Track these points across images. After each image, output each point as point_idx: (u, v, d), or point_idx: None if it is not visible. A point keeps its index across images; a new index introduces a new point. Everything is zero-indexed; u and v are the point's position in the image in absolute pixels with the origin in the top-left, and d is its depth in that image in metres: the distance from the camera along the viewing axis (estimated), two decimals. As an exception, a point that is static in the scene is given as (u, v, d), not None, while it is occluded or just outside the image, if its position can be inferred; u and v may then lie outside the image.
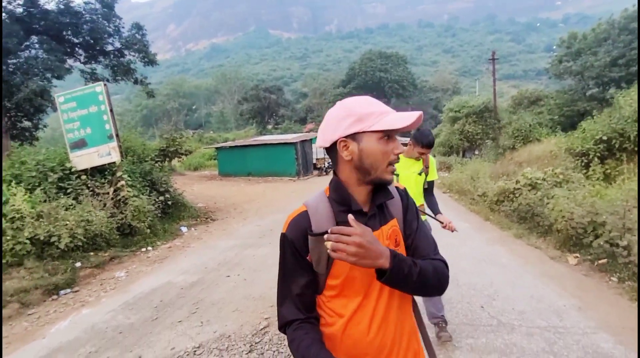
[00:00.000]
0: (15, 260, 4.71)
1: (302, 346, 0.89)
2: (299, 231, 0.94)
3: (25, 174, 6.25)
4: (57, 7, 15.41)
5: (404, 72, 50.95)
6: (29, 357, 2.95)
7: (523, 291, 3.68)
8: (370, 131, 0.91)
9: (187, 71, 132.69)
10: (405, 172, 2.87)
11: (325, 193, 1.00)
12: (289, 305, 0.96)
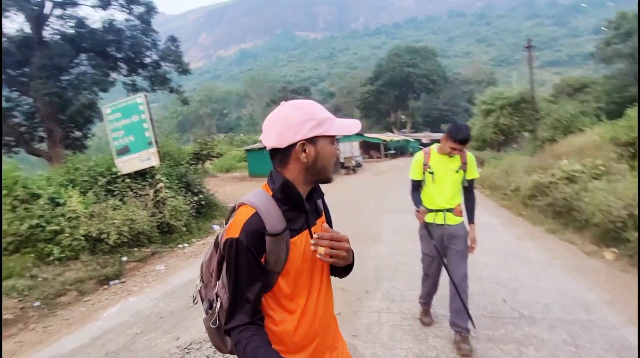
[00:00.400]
0: (72, 254, 5.33)
1: (249, 347, 0.88)
2: (255, 234, 0.92)
3: (78, 179, 6.96)
4: (102, 26, 16.67)
5: (434, 65, 48.98)
6: (86, 336, 3.41)
7: (549, 285, 3.60)
8: (327, 135, 0.98)
9: (218, 77, 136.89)
10: (441, 169, 2.68)
11: (267, 193, 0.99)
12: (240, 311, 0.93)
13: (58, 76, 14.82)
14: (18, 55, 14.80)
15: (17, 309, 4.05)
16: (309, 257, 0.99)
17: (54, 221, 5.57)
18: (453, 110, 50.77)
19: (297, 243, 0.98)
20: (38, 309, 4.07)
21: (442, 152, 2.67)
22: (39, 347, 3.31)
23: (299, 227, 0.99)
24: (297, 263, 0.97)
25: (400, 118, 51.55)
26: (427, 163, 2.74)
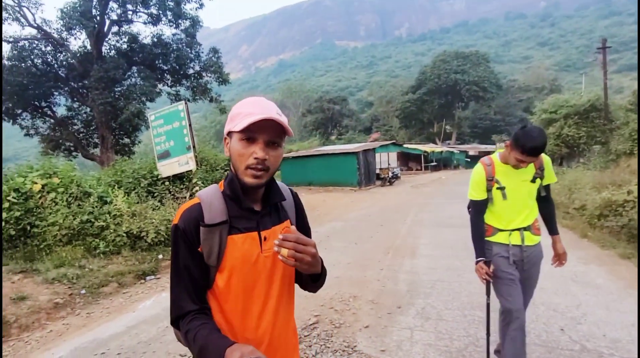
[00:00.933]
0: (115, 249, 5.79)
1: (199, 335, 0.86)
2: (191, 222, 0.93)
3: (124, 180, 7.56)
4: (151, 41, 18.08)
5: (485, 72, 44.57)
6: (122, 324, 3.71)
7: (621, 318, 3.14)
8: (235, 131, 0.92)
9: (256, 87, 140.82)
10: (513, 181, 2.17)
11: (219, 187, 1.01)
12: (182, 298, 0.93)
13: (112, 87, 16.22)
14: (80, 69, 16.42)
15: (67, 295, 4.47)
16: (253, 261, 0.95)
17: (101, 217, 6.10)
18: (506, 120, 46.43)
19: (238, 242, 0.94)
20: (84, 296, 4.47)
21: (506, 162, 2.17)
22: (82, 330, 3.64)
23: (245, 227, 0.96)
24: (234, 262, 0.93)
25: (444, 128, 48.22)
26: (493, 177, 2.20)
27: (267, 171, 0.92)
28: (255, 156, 0.90)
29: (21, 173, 6.52)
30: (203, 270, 0.94)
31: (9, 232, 5.82)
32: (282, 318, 1.02)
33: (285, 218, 1.05)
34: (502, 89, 47.37)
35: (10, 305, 4.10)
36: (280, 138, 0.93)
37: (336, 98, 50.16)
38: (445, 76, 43.58)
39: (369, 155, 20.65)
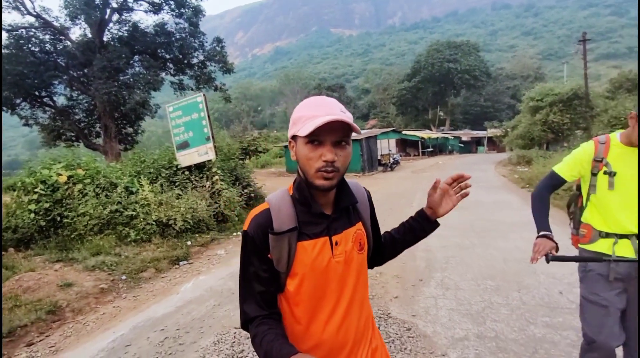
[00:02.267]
0: (146, 236, 6.02)
1: (264, 341, 0.87)
2: (260, 229, 0.93)
3: (144, 171, 7.70)
4: (154, 30, 17.77)
5: (476, 61, 46.26)
6: (171, 305, 3.97)
7: None
8: (299, 136, 0.89)
9: (253, 74, 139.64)
10: (630, 170, 1.63)
11: (288, 192, 0.99)
12: (251, 303, 0.94)
13: (115, 77, 16.00)
14: (81, 58, 16.06)
15: (109, 280, 4.71)
16: (325, 266, 0.93)
17: (130, 207, 6.29)
18: (495, 106, 48.84)
19: (308, 249, 0.92)
20: (125, 282, 4.71)
21: (629, 143, 1.63)
22: (134, 312, 3.90)
23: (316, 232, 0.94)
24: (304, 268, 0.92)
25: (438, 115, 49.69)
26: (604, 159, 1.69)
27: (338, 171, 0.89)
28: (324, 158, 0.87)
29: (45, 165, 6.65)
30: (272, 276, 0.94)
31: (39, 223, 6.01)
32: (356, 321, 0.99)
33: (358, 219, 1.02)
34: (491, 77, 48.81)
35: (58, 291, 4.34)
36: (347, 137, 0.90)
37: (334, 86, 50.32)
38: (439, 65, 45.11)
39: (371, 142, 20.98)
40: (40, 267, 4.99)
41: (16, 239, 5.86)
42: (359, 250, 0.99)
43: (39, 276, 4.61)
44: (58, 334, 3.57)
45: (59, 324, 3.79)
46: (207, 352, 2.93)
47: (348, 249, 0.96)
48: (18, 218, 5.97)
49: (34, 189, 6.18)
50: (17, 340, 3.50)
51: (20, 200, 6.20)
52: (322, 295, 0.95)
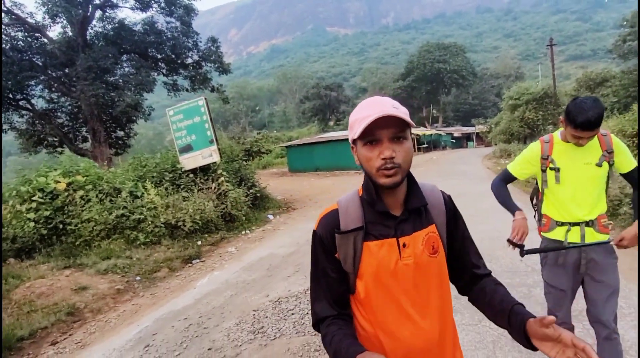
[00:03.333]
0: (155, 239, 6.33)
1: (334, 340, 0.91)
2: (328, 229, 0.98)
3: (147, 175, 8.00)
4: (142, 28, 17.59)
5: (463, 62, 51.98)
6: (190, 298, 4.28)
7: None
8: (357, 138, 0.92)
9: (249, 73, 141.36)
10: (571, 164, 1.91)
11: (358, 193, 1.03)
12: (321, 302, 0.99)
13: (102, 77, 15.39)
14: (62, 57, 15.30)
15: (124, 282, 5.01)
16: (392, 269, 0.95)
17: (136, 211, 6.59)
18: (482, 104, 54.43)
19: (374, 249, 0.95)
20: (140, 282, 5.01)
21: (566, 140, 1.93)
22: (154, 307, 4.20)
23: (383, 233, 0.96)
24: (370, 269, 0.95)
25: (432, 113, 54.66)
26: (549, 156, 1.98)
27: (399, 167, 0.90)
28: (382, 156, 0.89)
29: (41, 173, 6.89)
30: (342, 276, 0.98)
31: (40, 232, 6.21)
32: (431, 331, 0.98)
33: (430, 223, 1.01)
34: (477, 77, 55.17)
35: (73, 294, 4.64)
36: (403, 131, 0.91)
37: (332, 85, 51.65)
38: (430, 65, 50.04)
39: None
40: (49, 274, 5.26)
41: (16, 249, 6.02)
42: (431, 254, 0.98)
43: (50, 282, 4.91)
44: (81, 332, 3.87)
45: (79, 324, 4.09)
46: (230, 331, 3.27)
47: (418, 252, 0.96)
48: (16, 227, 6.13)
49: (31, 197, 6.39)
50: (40, 340, 3.80)
51: (15, 210, 6.34)
52: (392, 299, 0.96)
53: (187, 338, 3.32)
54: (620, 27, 25.96)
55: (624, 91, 20.81)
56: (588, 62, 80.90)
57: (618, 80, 22.63)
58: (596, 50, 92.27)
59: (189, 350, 3.12)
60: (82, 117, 17.40)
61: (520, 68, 62.28)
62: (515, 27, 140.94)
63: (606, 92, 22.27)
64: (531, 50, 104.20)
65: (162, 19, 18.37)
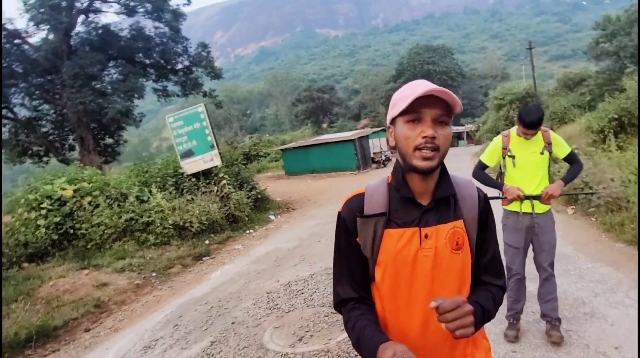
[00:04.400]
0: (165, 240, 6.92)
1: (357, 326, 0.93)
2: (351, 212, 1.00)
3: (150, 180, 8.56)
4: (129, 34, 17.90)
5: (451, 63, 55.55)
6: (207, 287, 4.90)
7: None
8: (398, 116, 0.93)
9: (238, 76, 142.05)
10: (523, 152, 2.69)
11: (386, 179, 1.05)
12: (344, 284, 1.01)
13: (89, 84, 15.45)
14: (45, 64, 15.42)
15: (141, 278, 5.60)
16: (411, 259, 0.95)
17: (144, 214, 7.17)
18: (472, 104, 56.87)
19: (394, 237, 0.96)
20: (156, 278, 5.61)
21: (519, 135, 2.69)
22: (174, 297, 4.80)
23: (405, 221, 0.96)
24: (388, 257, 0.96)
25: None
26: (507, 146, 2.74)
27: (438, 151, 0.90)
28: (424, 134, 0.89)
29: (46, 181, 7.47)
30: (362, 261, 1.00)
31: (52, 237, 6.80)
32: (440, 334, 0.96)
33: (458, 217, 1.00)
34: (465, 77, 58.71)
35: (95, 290, 5.22)
36: (447, 116, 0.92)
37: (324, 87, 53.35)
38: (420, 67, 53.64)
39: (364, 141, 23.64)
40: (69, 274, 5.82)
41: (29, 254, 6.57)
42: (454, 249, 0.97)
43: (72, 280, 5.48)
44: (111, 320, 4.46)
45: (107, 314, 4.67)
46: (249, 310, 3.92)
47: (440, 245, 0.95)
48: (27, 234, 6.70)
49: (39, 205, 6.97)
50: (73, 329, 4.37)
51: (24, 217, 6.90)
52: (408, 289, 0.97)
53: (210, 317, 3.93)
54: (592, 30, 28.12)
55: (598, 90, 22.58)
56: (569, 61, 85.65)
57: (593, 79, 24.64)
58: (576, 50, 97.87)
59: (214, 326, 3.73)
60: (68, 126, 17.53)
61: (506, 68, 66.14)
62: (501, 28, 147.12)
63: (583, 90, 24.23)
64: (516, 51, 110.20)
65: (150, 24, 18.68)
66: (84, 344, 3.89)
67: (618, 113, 10.47)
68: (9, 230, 6.81)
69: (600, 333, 2.74)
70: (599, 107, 12.19)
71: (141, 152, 56.45)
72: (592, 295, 3.33)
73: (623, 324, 2.81)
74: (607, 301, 3.20)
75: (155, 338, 3.71)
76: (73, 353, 3.73)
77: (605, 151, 8.44)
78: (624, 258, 4.14)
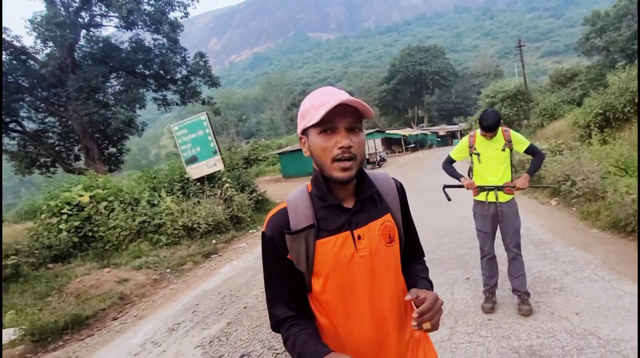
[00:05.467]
0: (176, 239, 7.40)
1: (297, 342, 0.90)
2: (277, 229, 0.95)
3: (159, 186, 9.03)
4: (130, 46, 18.45)
5: (443, 63, 55.13)
6: (218, 280, 5.39)
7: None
8: (310, 126, 0.91)
9: (233, 82, 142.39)
10: (486, 150, 3.08)
11: (307, 189, 1.01)
12: (279, 304, 0.98)
13: (94, 96, 15.99)
14: (50, 78, 15.93)
15: (157, 274, 6.08)
16: (348, 262, 0.95)
17: (156, 217, 7.64)
18: (465, 102, 57.24)
19: (328, 245, 0.94)
20: (171, 273, 6.09)
21: (482, 135, 3.09)
22: (189, 289, 5.29)
23: (335, 228, 0.95)
24: (326, 266, 0.94)
25: (417, 113, 57.65)
26: (473, 145, 3.16)
27: (355, 159, 0.91)
28: (340, 145, 0.88)
29: (64, 189, 7.95)
30: (296, 276, 0.97)
31: (73, 239, 7.31)
32: (393, 319, 1.01)
33: (385, 211, 1.02)
34: (458, 77, 58.74)
35: (118, 285, 5.70)
36: (360, 122, 0.92)
37: None
38: (412, 68, 53.69)
39: None
40: (92, 272, 6.32)
41: (53, 255, 7.10)
42: (388, 243, 0.99)
43: (96, 277, 5.96)
44: (135, 310, 4.94)
45: (130, 305, 5.15)
46: (259, 296, 4.43)
47: (374, 243, 0.97)
48: (50, 237, 7.20)
49: (60, 211, 7.45)
50: (102, 318, 4.85)
51: (46, 222, 7.41)
52: (351, 293, 0.96)
53: (224, 303, 4.43)
54: (582, 25, 28.29)
55: (589, 85, 22.74)
56: (563, 57, 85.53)
57: (584, 75, 24.77)
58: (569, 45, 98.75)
59: (228, 310, 4.23)
60: (73, 136, 18.11)
61: (499, 66, 66.00)
62: (493, 26, 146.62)
63: (575, 86, 24.43)
64: (509, 48, 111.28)
65: (148, 36, 19.11)
66: (115, 330, 4.37)
67: (602, 108, 10.74)
68: (33, 234, 7.28)
69: (565, 303, 3.13)
70: (585, 102, 12.46)
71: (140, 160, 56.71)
72: (563, 274, 3.75)
73: (586, 295, 3.22)
74: (575, 278, 3.61)
75: (177, 322, 4.20)
76: (107, 337, 4.22)
77: (589, 145, 8.79)
78: (596, 241, 4.61)
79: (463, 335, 2.92)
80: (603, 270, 3.71)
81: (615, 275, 3.54)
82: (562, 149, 8.71)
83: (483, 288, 3.30)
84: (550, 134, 14.61)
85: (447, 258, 4.75)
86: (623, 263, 3.81)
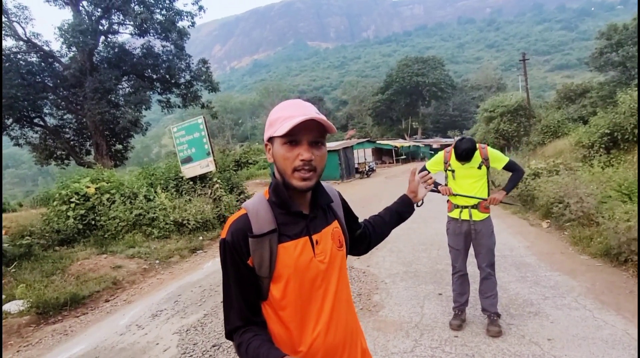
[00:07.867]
0: (166, 233, 7.63)
1: (250, 347, 0.88)
2: (239, 235, 0.93)
3: (155, 182, 9.23)
4: (141, 52, 19.02)
5: (441, 74, 51.18)
6: (200, 275, 5.67)
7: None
8: (276, 136, 0.91)
9: (232, 87, 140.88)
10: (461, 168, 2.84)
11: (264, 196, 1.00)
12: (234, 312, 0.95)
13: (106, 97, 16.92)
14: (71, 79, 16.74)
15: (147, 263, 6.33)
16: (307, 268, 0.95)
17: (150, 211, 7.86)
18: (463, 116, 52.81)
19: (289, 249, 0.94)
20: (159, 264, 6.34)
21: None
22: (174, 280, 5.57)
23: (295, 233, 0.96)
24: (288, 270, 0.93)
25: (411, 125, 53.93)
26: (448, 161, 2.92)
27: (315, 171, 0.92)
28: (302, 157, 0.89)
29: (75, 180, 8.14)
30: (254, 283, 0.95)
31: (78, 226, 7.53)
32: (344, 321, 1.02)
33: (334, 218, 1.05)
34: (456, 89, 54.10)
35: (112, 271, 5.93)
36: (322, 137, 0.93)
37: (313, 98, 52.70)
38: (409, 78, 49.95)
39: (348, 152, 23.36)
40: (92, 256, 6.52)
41: (60, 239, 7.37)
42: (339, 247, 1.03)
43: (95, 261, 6.19)
44: (125, 294, 5.19)
45: (121, 290, 5.40)
46: None
47: (329, 247, 0.99)
48: (59, 223, 7.46)
49: (69, 199, 7.65)
50: (96, 300, 5.09)
51: (57, 209, 7.64)
52: (308, 297, 0.96)
53: (204, 296, 4.72)
54: (596, 39, 24.14)
55: (601, 102, 19.73)
56: (574, 71, 76.37)
57: (596, 92, 21.60)
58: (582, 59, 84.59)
59: (206, 303, 4.52)
60: (86, 133, 18.95)
61: (502, 79, 59.96)
62: (498, 38, 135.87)
63: (585, 103, 21.57)
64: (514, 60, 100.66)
65: (158, 43, 19.52)
66: (106, 310, 4.63)
67: (610, 128, 9.49)
68: (45, 218, 7.54)
69: (538, 328, 2.86)
70: (591, 121, 11.01)
71: (143, 157, 56.00)
72: (541, 298, 3.43)
73: (563, 322, 2.91)
74: (555, 303, 3.29)
75: (160, 309, 4.47)
76: (98, 316, 4.47)
77: (590, 166, 8.02)
78: (584, 268, 4.18)
79: (426, 348, 2.78)
80: (586, 298, 3.38)
81: (599, 304, 3.23)
82: (560, 169, 7.83)
83: (452, 304, 3.11)
84: (551, 152, 13.22)
85: (422, 273, 4.58)
86: (609, 293, 3.46)
